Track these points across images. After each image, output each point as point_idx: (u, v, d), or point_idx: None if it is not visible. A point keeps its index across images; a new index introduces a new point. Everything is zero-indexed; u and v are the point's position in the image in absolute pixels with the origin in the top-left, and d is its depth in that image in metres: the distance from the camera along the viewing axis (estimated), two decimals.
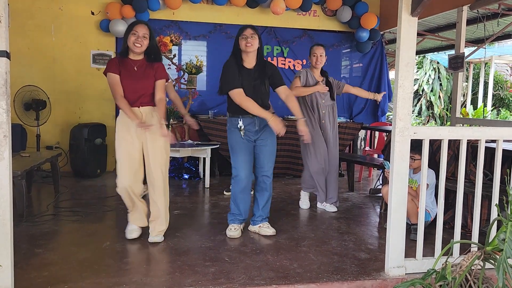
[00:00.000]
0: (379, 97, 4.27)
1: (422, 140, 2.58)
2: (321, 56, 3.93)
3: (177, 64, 5.45)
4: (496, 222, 2.24)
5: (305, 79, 3.97)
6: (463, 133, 2.61)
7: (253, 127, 3.19)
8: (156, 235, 3.07)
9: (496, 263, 2.03)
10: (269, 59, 6.21)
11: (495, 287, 1.93)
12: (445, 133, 2.57)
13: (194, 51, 6.00)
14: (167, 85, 4.24)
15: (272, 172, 3.33)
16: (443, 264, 2.04)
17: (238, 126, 3.17)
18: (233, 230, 3.21)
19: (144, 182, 4.29)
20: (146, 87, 3.01)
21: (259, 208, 3.33)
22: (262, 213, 3.33)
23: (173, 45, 5.17)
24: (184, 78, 5.48)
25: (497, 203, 2.65)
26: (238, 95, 3.09)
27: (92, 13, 5.74)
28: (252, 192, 3.37)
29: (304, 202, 4.16)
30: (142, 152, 3.02)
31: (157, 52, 3.09)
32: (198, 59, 5.35)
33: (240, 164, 3.19)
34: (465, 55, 5.11)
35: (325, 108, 3.99)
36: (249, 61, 3.20)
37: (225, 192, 4.68)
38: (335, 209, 4.04)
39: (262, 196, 3.33)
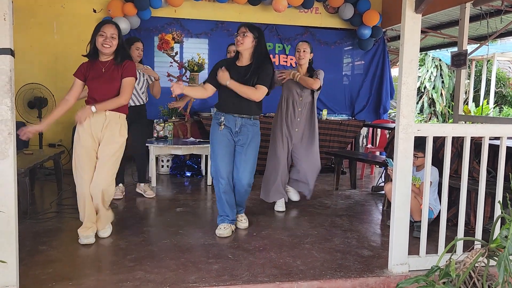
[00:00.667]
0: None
1: (424, 138, 2.57)
2: (304, 51, 3.86)
3: (179, 61, 5.45)
4: (499, 219, 2.24)
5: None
6: (467, 130, 2.61)
7: (234, 127, 3.17)
8: (102, 230, 3.07)
9: (498, 260, 2.03)
10: (270, 56, 6.20)
11: (496, 283, 1.94)
12: (449, 130, 2.56)
13: (196, 49, 6.00)
14: (155, 83, 4.24)
15: (250, 179, 3.22)
16: (447, 261, 2.04)
17: (219, 122, 3.17)
18: (222, 229, 3.16)
19: (120, 182, 4.27)
20: (112, 90, 2.95)
21: (235, 204, 3.31)
22: (238, 208, 3.35)
23: (175, 42, 5.16)
24: (186, 76, 5.47)
25: (501, 200, 2.65)
26: (205, 87, 3.19)
27: (94, 11, 5.74)
28: None
29: (279, 205, 3.94)
30: (95, 154, 2.96)
31: (124, 52, 3.03)
32: (200, 57, 5.34)
33: (219, 162, 3.16)
34: (468, 52, 5.10)
35: (302, 105, 3.91)
36: (243, 60, 3.20)
37: None
38: (297, 198, 4.13)
39: (236, 194, 3.27)
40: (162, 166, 5.59)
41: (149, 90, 4.40)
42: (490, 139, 2.67)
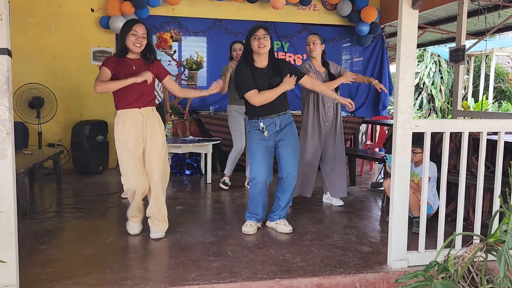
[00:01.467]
0: (376, 83, 3.97)
1: (423, 133, 2.58)
2: (314, 43, 3.85)
3: (177, 60, 5.45)
4: (498, 213, 2.25)
5: (312, 71, 3.94)
6: (465, 126, 2.61)
7: (274, 127, 3.17)
8: (157, 231, 3.07)
9: (498, 255, 2.03)
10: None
11: (497, 278, 1.94)
12: (447, 126, 2.57)
13: (194, 47, 5.99)
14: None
15: (297, 173, 3.27)
16: (445, 256, 2.05)
17: (260, 128, 3.15)
18: (249, 226, 3.20)
19: None
20: (146, 87, 2.98)
21: (279, 207, 3.29)
22: (281, 213, 3.31)
23: (173, 41, 5.16)
24: (184, 74, 5.47)
25: (500, 194, 2.65)
26: (253, 96, 3.10)
27: (92, 10, 5.73)
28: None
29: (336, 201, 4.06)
30: (143, 151, 3.02)
31: (153, 51, 3.08)
32: (198, 55, 5.34)
33: (258, 167, 3.16)
34: (466, 48, 5.10)
35: (330, 100, 3.92)
36: (261, 62, 3.17)
37: (246, 185, 4.69)
38: (341, 203, 4.07)
39: (284, 196, 3.29)
40: None
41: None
42: (488, 134, 2.67)
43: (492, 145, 3.20)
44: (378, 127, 6.58)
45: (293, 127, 3.28)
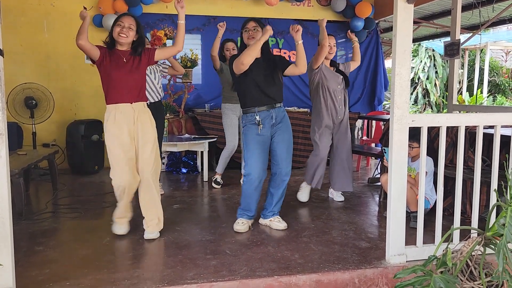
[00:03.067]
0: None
1: (419, 128, 2.58)
2: (334, 46, 3.95)
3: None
4: (495, 207, 2.25)
5: (322, 69, 3.94)
6: (461, 120, 2.61)
7: (270, 120, 3.15)
8: (151, 231, 3.04)
9: (496, 248, 2.04)
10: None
11: (496, 271, 1.95)
12: (443, 120, 2.57)
13: (189, 45, 5.94)
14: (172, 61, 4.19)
15: (290, 169, 3.26)
16: (443, 251, 2.05)
17: (256, 121, 3.12)
18: (240, 224, 3.18)
19: None
20: (137, 80, 2.94)
21: (272, 203, 3.29)
22: (275, 209, 3.30)
23: (167, 39, 5.12)
24: None
25: (496, 188, 2.66)
26: (240, 58, 3.04)
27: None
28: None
29: (304, 195, 4.07)
30: (134, 148, 2.96)
31: (142, 45, 3.00)
32: (193, 53, 5.31)
33: (253, 162, 3.14)
34: (461, 42, 5.10)
35: (342, 93, 4.00)
36: (258, 54, 3.17)
37: (241, 181, 4.67)
38: (341, 198, 4.08)
39: (277, 192, 3.28)
40: None
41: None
42: (484, 128, 2.68)
43: (488, 139, 3.20)
44: (374, 122, 6.59)
45: (287, 122, 3.26)
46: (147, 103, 4.08)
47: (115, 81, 2.88)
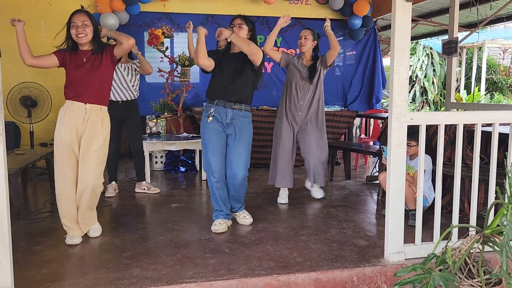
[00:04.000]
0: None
1: (417, 126, 2.58)
2: (305, 38, 3.84)
3: (169, 56, 5.40)
4: (493, 205, 2.25)
5: (286, 61, 3.91)
6: (460, 118, 2.62)
7: (224, 117, 3.14)
8: (91, 231, 3.02)
9: (495, 246, 2.04)
10: (262, 48, 6.16)
11: (499, 270, 1.95)
12: (442, 118, 2.57)
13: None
14: (140, 59, 4.14)
15: (244, 173, 3.19)
16: (443, 249, 2.06)
17: (209, 113, 3.15)
18: (218, 225, 3.12)
19: (113, 180, 4.25)
20: (94, 79, 2.90)
21: (230, 198, 3.28)
22: (235, 204, 3.30)
23: (165, 37, 5.11)
24: (177, 71, 5.43)
25: (495, 186, 2.66)
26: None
27: (82, 7, 5.61)
28: None
29: (282, 197, 3.96)
30: (77, 150, 2.91)
31: (99, 40, 2.97)
32: None
33: (210, 156, 3.12)
34: (458, 40, 5.10)
35: (306, 88, 3.86)
36: (235, 49, 3.24)
37: None
38: (322, 195, 4.06)
39: (232, 189, 3.23)
40: (156, 162, 5.57)
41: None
42: (482, 126, 2.68)
43: (485, 137, 3.21)
44: (372, 120, 6.59)
45: (246, 126, 3.19)
46: (119, 101, 4.07)
47: (73, 79, 2.88)
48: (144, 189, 4.31)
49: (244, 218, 3.31)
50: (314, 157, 3.93)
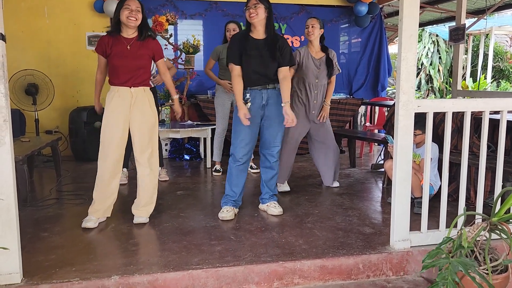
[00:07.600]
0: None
1: (422, 115, 2.55)
2: (312, 27, 3.78)
3: (173, 44, 5.36)
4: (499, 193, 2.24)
5: (301, 58, 3.88)
6: (467, 105, 2.59)
7: (260, 101, 3.12)
8: (140, 215, 3.07)
9: (502, 234, 2.04)
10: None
11: (506, 257, 1.96)
12: (449, 105, 2.54)
13: (191, 30, 5.90)
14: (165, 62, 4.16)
15: (279, 152, 3.26)
16: (458, 232, 2.07)
17: (245, 99, 3.10)
18: (225, 212, 3.14)
19: (125, 167, 4.27)
20: (139, 67, 2.95)
21: (264, 184, 3.32)
22: (268, 190, 3.30)
23: (169, 24, 5.07)
24: (181, 58, 5.40)
25: (501, 174, 2.65)
26: (233, 70, 3.08)
27: None
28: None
29: (284, 185, 3.96)
30: (126, 134, 2.98)
31: (149, 28, 3.04)
32: (195, 38, 5.26)
33: (239, 143, 3.12)
34: (466, 27, 5.04)
35: (319, 88, 3.84)
36: (258, 33, 3.12)
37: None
38: (337, 184, 4.08)
39: (266, 174, 3.30)
40: None
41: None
42: (489, 114, 2.65)
43: (492, 124, 3.18)
44: (377, 108, 6.55)
45: (279, 105, 3.17)
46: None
47: (116, 68, 2.93)
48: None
49: (274, 207, 3.25)
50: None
